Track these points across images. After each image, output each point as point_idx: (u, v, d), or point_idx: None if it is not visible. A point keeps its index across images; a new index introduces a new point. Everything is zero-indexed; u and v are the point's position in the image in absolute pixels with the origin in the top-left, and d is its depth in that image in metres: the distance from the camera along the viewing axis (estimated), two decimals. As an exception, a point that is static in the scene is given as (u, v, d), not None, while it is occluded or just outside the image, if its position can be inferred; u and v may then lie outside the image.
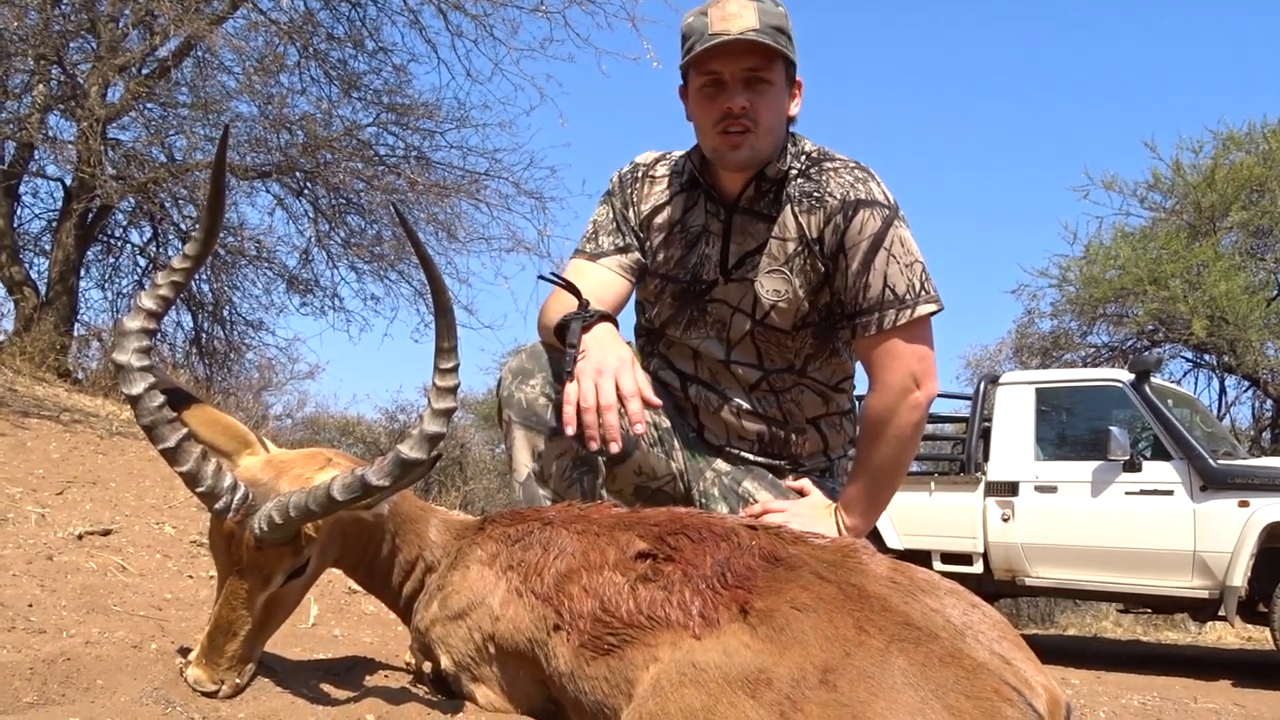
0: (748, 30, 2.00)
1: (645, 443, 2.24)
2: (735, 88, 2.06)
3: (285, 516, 1.42)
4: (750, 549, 1.43)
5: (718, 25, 2.02)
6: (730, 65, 2.05)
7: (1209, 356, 13.37)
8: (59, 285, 9.08)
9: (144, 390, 1.41)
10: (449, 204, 10.17)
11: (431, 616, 1.72)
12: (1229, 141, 12.88)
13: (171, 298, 1.47)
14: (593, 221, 2.34)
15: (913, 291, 2.09)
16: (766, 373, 2.26)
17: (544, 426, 2.06)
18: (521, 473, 2.07)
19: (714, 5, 2.06)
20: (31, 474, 4.15)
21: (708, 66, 2.07)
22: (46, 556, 2.60)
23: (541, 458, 2.06)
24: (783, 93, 2.11)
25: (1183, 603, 6.83)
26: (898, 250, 2.09)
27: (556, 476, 2.07)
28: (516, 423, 2.08)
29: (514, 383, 2.11)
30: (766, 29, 2.02)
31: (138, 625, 1.94)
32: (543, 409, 2.06)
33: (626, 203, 2.31)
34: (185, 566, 2.95)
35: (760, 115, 2.06)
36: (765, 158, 2.13)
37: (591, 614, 1.48)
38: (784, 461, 2.32)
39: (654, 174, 2.32)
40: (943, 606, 1.31)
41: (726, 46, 2.01)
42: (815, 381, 2.27)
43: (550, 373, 2.08)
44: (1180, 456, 6.70)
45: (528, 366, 2.11)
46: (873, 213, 2.08)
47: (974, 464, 7.67)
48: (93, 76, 8.41)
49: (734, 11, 2.02)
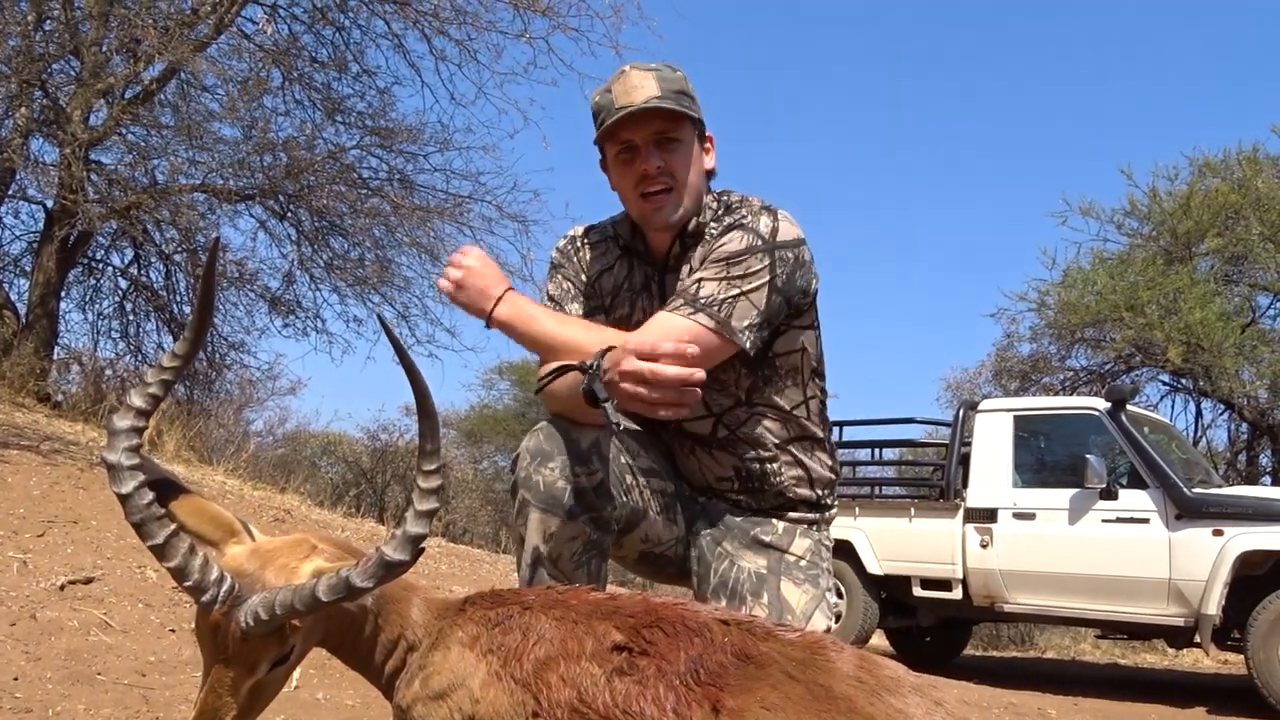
0: (651, 99, 2.14)
1: (653, 511, 2.28)
2: (648, 151, 2.18)
3: (271, 613, 1.45)
4: (723, 645, 1.47)
5: (621, 99, 2.16)
6: (639, 131, 2.18)
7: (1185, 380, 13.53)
8: (39, 308, 9.06)
9: (133, 489, 1.44)
10: (432, 227, 10.22)
11: (413, 695, 1.76)
12: (1205, 168, 13.07)
13: (161, 395, 1.50)
14: (550, 296, 2.41)
15: (712, 302, 2.08)
16: (718, 416, 2.32)
17: (561, 510, 2.07)
18: (530, 555, 2.10)
19: (616, 81, 2.20)
20: (13, 514, 4.15)
21: (619, 136, 2.20)
22: (30, 615, 2.62)
23: (554, 539, 2.09)
24: (692, 148, 2.23)
25: (1159, 629, 6.94)
26: (736, 271, 2.10)
27: (566, 559, 2.10)
28: (534, 505, 2.09)
29: (532, 465, 2.11)
30: (669, 94, 2.16)
31: (122, 697, 1.97)
32: (561, 492, 2.07)
33: (577, 270, 2.41)
34: (167, 619, 2.97)
35: (676, 171, 2.19)
36: (689, 212, 2.23)
37: (569, 703, 1.52)
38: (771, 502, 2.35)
39: (590, 240, 2.42)
40: (906, 706, 1.36)
41: (633, 116, 2.15)
42: (767, 408, 2.32)
43: (569, 455, 2.09)
44: (1156, 485, 6.81)
45: (547, 448, 2.11)
46: (743, 236, 2.13)
47: (953, 490, 7.76)
48: (75, 100, 8.42)
49: (636, 84, 2.16)
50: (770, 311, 2.14)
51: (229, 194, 9.50)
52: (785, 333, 2.26)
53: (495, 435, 20.23)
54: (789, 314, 2.23)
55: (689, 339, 2.04)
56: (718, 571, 2.28)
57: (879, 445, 9.47)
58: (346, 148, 10.00)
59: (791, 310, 2.22)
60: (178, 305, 10.53)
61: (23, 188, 9.45)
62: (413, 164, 10.18)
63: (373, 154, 10.19)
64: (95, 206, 8.23)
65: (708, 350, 2.07)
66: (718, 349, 2.10)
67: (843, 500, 8.35)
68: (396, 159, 10.18)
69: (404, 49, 9.73)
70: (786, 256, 2.14)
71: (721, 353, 2.12)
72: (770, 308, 2.13)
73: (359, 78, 9.91)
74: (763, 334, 2.16)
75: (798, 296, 2.21)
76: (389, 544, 1.44)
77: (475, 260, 2.15)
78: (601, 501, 2.11)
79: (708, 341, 2.06)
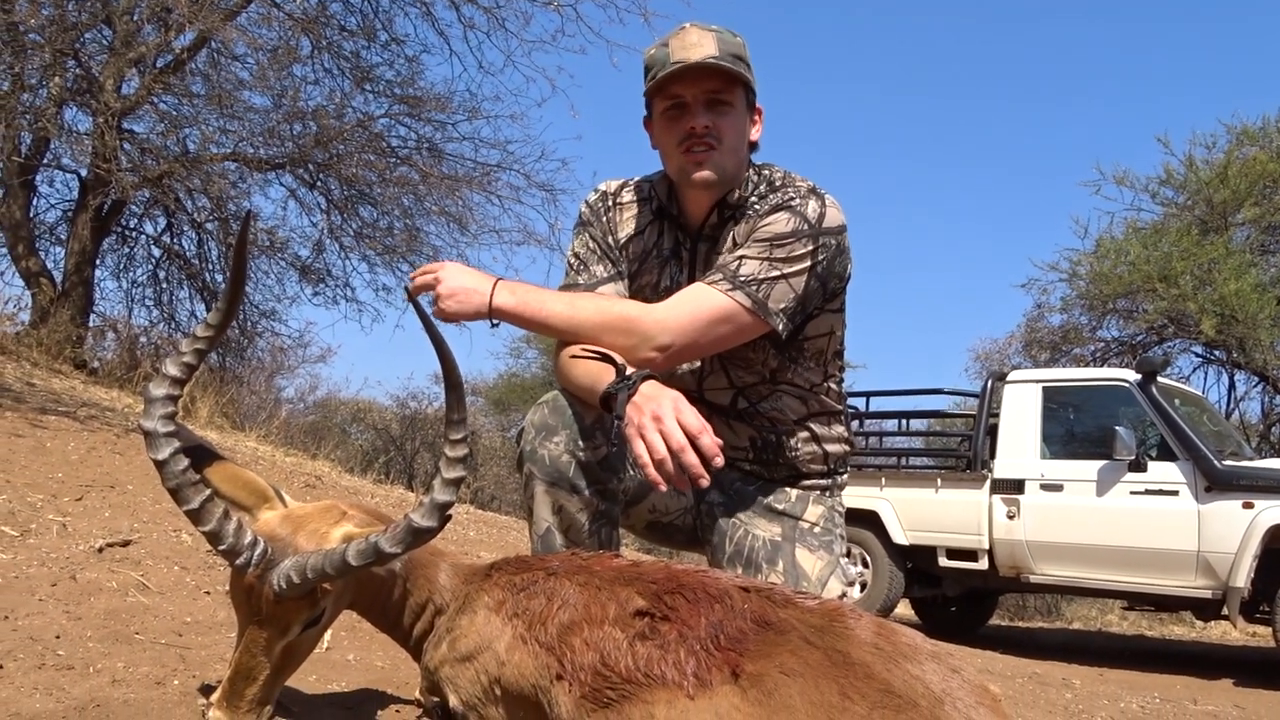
0: (708, 57, 2.10)
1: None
2: (697, 109, 2.15)
3: (303, 577, 1.50)
4: (742, 612, 1.50)
5: (678, 54, 2.12)
6: (692, 88, 2.14)
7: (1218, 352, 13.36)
8: (75, 276, 9.17)
9: (169, 456, 1.49)
10: (460, 196, 10.25)
11: (441, 657, 1.80)
12: (1243, 136, 12.82)
13: (196, 364, 1.54)
14: (575, 254, 2.36)
15: (751, 281, 2.07)
16: (739, 390, 2.32)
17: (567, 483, 2.08)
18: (541, 526, 2.11)
19: (675, 36, 2.16)
20: (52, 478, 4.24)
21: (671, 90, 2.16)
22: (70, 576, 2.70)
23: (562, 512, 2.10)
24: (743, 116, 2.20)
25: (1186, 602, 6.93)
26: (779, 254, 2.09)
27: (576, 529, 2.11)
28: (539, 479, 2.10)
29: (537, 439, 2.11)
30: (726, 56, 2.12)
31: (160, 656, 2.03)
32: (566, 465, 2.08)
33: (604, 230, 2.35)
34: (202, 581, 3.04)
35: (723, 134, 2.15)
36: (730, 177, 2.19)
37: (592, 667, 1.55)
38: (783, 473, 2.37)
39: (622, 200, 2.36)
40: (923, 673, 1.38)
41: (688, 70, 2.11)
42: (791, 385, 2.32)
43: (575, 429, 2.08)
44: (1186, 457, 6.76)
45: (551, 423, 2.11)
46: (790, 219, 2.11)
47: (980, 461, 7.75)
48: (108, 69, 8.48)
49: (694, 41, 2.12)
50: (806, 296, 2.13)
51: (259, 163, 9.56)
52: (818, 316, 2.26)
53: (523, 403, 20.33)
54: (824, 298, 2.22)
55: (723, 315, 2.06)
56: (733, 540, 2.30)
57: (906, 416, 9.45)
58: (375, 116, 10.03)
59: (827, 295, 2.22)
60: (210, 273, 10.65)
61: (57, 157, 9.55)
62: (441, 133, 10.19)
63: (401, 123, 10.21)
64: (128, 175, 8.30)
65: (740, 328, 2.09)
66: (750, 328, 2.10)
67: (869, 470, 8.42)
68: (425, 128, 10.19)
69: (432, 17, 9.71)
70: (829, 244, 2.13)
71: (753, 332, 2.12)
72: (807, 292, 2.13)
73: (387, 46, 9.91)
74: (796, 319, 2.15)
75: (834, 282, 2.21)
76: (417, 511, 1.48)
77: (448, 270, 2.12)
78: (606, 474, 2.12)
79: (743, 320, 2.07)
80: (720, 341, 2.13)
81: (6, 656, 1.84)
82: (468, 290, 2.08)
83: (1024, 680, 5.17)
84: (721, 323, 2.08)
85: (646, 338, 2.05)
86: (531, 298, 2.10)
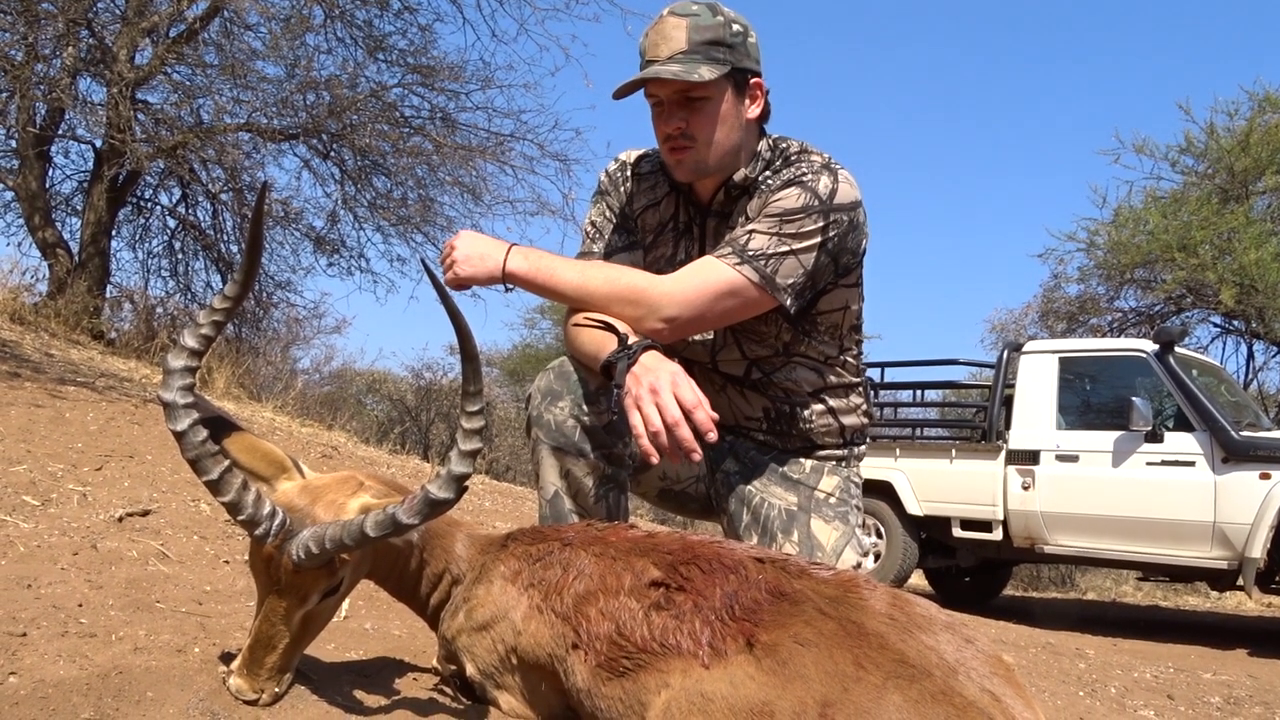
0: (675, 53, 2.07)
1: None
2: (671, 110, 2.13)
3: (321, 547, 1.51)
4: (757, 583, 1.51)
5: (649, 51, 2.11)
6: (664, 89, 2.12)
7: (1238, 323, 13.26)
8: (91, 247, 9.21)
9: (188, 426, 1.50)
10: (474, 166, 10.21)
11: (458, 626, 1.82)
12: (1265, 103, 12.61)
13: (213, 336, 1.55)
14: (591, 222, 2.38)
15: (759, 255, 2.06)
16: (753, 361, 2.32)
17: (572, 447, 2.10)
18: (549, 491, 2.13)
19: (654, 26, 2.13)
20: (72, 448, 4.28)
21: (648, 90, 2.16)
22: (91, 545, 2.73)
23: (569, 476, 2.12)
24: (725, 104, 2.14)
25: (1201, 572, 6.92)
26: (789, 229, 2.07)
27: (584, 494, 2.13)
28: (545, 443, 2.12)
29: (543, 403, 2.14)
30: (696, 46, 2.07)
31: (181, 624, 2.05)
32: (571, 430, 2.10)
33: (622, 200, 2.36)
34: (221, 551, 3.07)
35: (698, 132, 2.13)
36: (716, 167, 2.17)
37: (608, 636, 1.57)
38: (797, 443, 2.37)
39: (640, 171, 2.37)
40: (937, 644, 1.39)
41: (651, 79, 2.09)
42: (805, 358, 2.31)
43: (580, 394, 2.11)
44: (1203, 428, 6.74)
45: (556, 388, 2.14)
46: (801, 194, 2.09)
47: (995, 432, 7.74)
48: (121, 39, 8.47)
49: (667, 34, 2.09)
50: (816, 272, 2.12)
51: (273, 133, 9.54)
52: (831, 291, 2.24)
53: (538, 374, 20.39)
54: (836, 273, 2.20)
55: (730, 289, 2.05)
56: (750, 507, 2.30)
57: (922, 386, 9.43)
58: (388, 86, 9.98)
59: (839, 270, 2.20)
60: (225, 244, 10.67)
61: (72, 127, 9.56)
62: (454, 102, 10.14)
63: (415, 92, 10.16)
64: (142, 146, 8.31)
65: (747, 302, 2.08)
66: (757, 302, 2.10)
67: (883, 441, 8.41)
68: (438, 97, 10.14)
69: (446, -17, 9.64)
70: (841, 220, 2.11)
71: (760, 306, 2.12)
72: (817, 268, 2.12)
73: (400, 15, 9.84)
74: (805, 294, 2.14)
75: (847, 257, 2.19)
76: (434, 482, 1.48)
77: (462, 237, 2.15)
78: (612, 439, 2.13)
79: (749, 294, 2.07)
80: (727, 315, 2.13)
81: (30, 624, 1.87)
82: (482, 255, 2.10)
83: (1038, 650, 5.18)
84: (728, 296, 2.07)
85: (654, 309, 2.06)
86: (544, 264, 2.12)
